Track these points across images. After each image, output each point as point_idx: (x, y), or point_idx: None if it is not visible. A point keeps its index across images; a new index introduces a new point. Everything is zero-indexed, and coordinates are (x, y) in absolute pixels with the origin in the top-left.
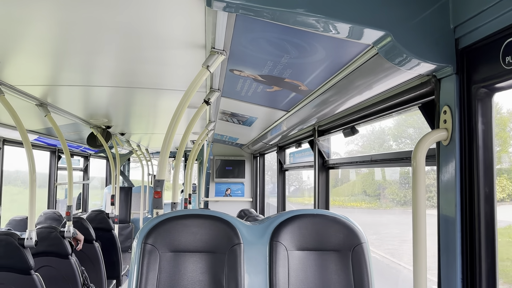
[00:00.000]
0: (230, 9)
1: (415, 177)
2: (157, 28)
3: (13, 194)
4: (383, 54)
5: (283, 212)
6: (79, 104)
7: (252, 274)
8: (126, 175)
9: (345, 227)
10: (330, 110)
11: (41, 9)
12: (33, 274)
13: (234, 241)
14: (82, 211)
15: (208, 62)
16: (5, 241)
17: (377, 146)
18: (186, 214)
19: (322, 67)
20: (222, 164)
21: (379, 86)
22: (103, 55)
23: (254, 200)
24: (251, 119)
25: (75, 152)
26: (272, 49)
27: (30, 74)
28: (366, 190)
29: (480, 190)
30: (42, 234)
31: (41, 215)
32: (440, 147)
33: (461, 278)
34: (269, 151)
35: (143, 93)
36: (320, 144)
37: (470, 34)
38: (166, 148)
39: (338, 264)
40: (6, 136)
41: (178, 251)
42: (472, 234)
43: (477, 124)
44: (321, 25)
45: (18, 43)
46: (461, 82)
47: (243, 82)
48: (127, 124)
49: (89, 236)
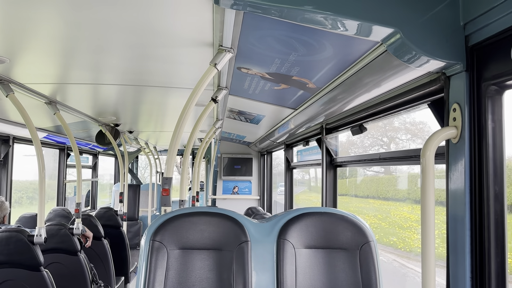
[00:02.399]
0: (238, 7)
1: (424, 175)
2: (165, 26)
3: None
4: (392, 51)
5: (290, 210)
6: (88, 102)
7: (259, 272)
8: (135, 173)
9: (353, 225)
10: (338, 108)
11: (50, 8)
12: (43, 271)
13: (242, 239)
14: (90, 208)
15: (215, 60)
16: (15, 238)
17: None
18: (194, 211)
19: (330, 64)
20: (230, 162)
21: (388, 84)
22: (111, 53)
23: (262, 198)
24: (258, 117)
25: (84, 150)
26: (279, 47)
27: (40, 72)
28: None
29: (489, 189)
30: (51, 231)
31: (50, 212)
32: (450, 145)
33: (470, 277)
34: (276, 149)
35: (151, 91)
36: (327, 142)
37: (480, 31)
38: (174, 146)
39: (346, 262)
40: (16, 134)
41: (186, 248)
42: (482, 233)
43: (487, 121)
44: (329, 22)
45: (27, 42)
46: (471, 79)
47: (251, 80)
48: (135, 122)
49: (97, 233)
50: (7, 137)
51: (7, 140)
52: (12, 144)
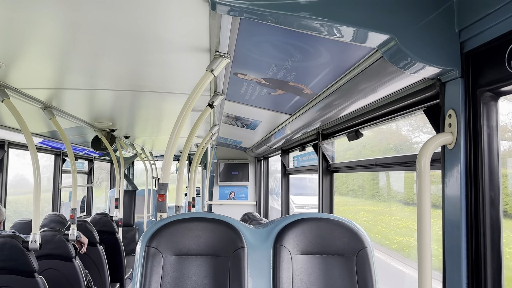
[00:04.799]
0: (235, 13)
1: (420, 181)
2: (162, 32)
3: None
4: (388, 57)
5: (287, 216)
6: (84, 107)
7: (255, 278)
8: (130, 178)
9: (349, 231)
10: (334, 114)
11: (46, 12)
12: (37, 277)
13: (238, 245)
14: (86, 214)
15: (212, 65)
16: (10, 244)
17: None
18: (190, 217)
19: (326, 70)
20: (226, 167)
21: (384, 90)
22: (107, 58)
23: (258, 203)
24: (255, 123)
25: (80, 155)
26: (276, 53)
27: (35, 77)
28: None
29: (485, 194)
30: (46, 237)
31: (45, 218)
32: (445, 151)
33: (467, 283)
34: (273, 155)
35: (148, 96)
36: (324, 147)
37: (475, 38)
38: (170, 151)
39: (342, 268)
40: (11, 139)
41: (182, 255)
42: (478, 239)
43: (482, 127)
44: (325, 28)
45: (23, 46)
46: (466, 85)
47: (247, 85)
48: (132, 128)
49: (93, 239)
50: (2, 143)
51: (2, 145)
52: (7, 150)
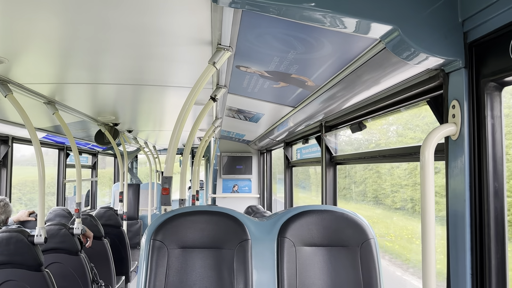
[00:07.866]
0: (236, 5)
1: (424, 172)
2: (164, 25)
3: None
4: (391, 48)
5: (290, 208)
6: (87, 101)
7: (260, 270)
8: (134, 172)
9: (353, 223)
10: (337, 106)
11: (49, 7)
12: (43, 271)
13: (242, 237)
14: (90, 208)
15: (214, 58)
16: (16, 238)
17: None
18: (194, 210)
19: (329, 62)
20: (229, 160)
21: (387, 81)
22: (110, 53)
23: (262, 196)
24: (257, 116)
25: (83, 150)
26: (278, 45)
27: (38, 72)
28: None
29: (489, 185)
30: (51, 231)
31: (50, 212)
32: (449, 142)
33: (471, 273)
34: (276, 147)
35: (150, 90)
36: (327, 139)
37: (478, 28)
38: (174, 145)
39: (346, 260)
40: (15, 134)
41: (187, 247)
42: (482, 229)
43: (486, 118)
44: (327, 19)
45: (26, 41)
46: (470, 76)
47: (250, 78)
48: (135, 121)
49: (98, 233)
50: (6, 138)
51: (6, 140)
52: (11, 145)
